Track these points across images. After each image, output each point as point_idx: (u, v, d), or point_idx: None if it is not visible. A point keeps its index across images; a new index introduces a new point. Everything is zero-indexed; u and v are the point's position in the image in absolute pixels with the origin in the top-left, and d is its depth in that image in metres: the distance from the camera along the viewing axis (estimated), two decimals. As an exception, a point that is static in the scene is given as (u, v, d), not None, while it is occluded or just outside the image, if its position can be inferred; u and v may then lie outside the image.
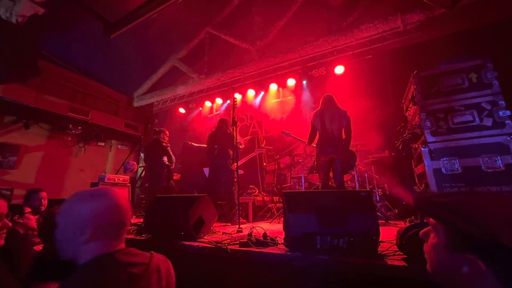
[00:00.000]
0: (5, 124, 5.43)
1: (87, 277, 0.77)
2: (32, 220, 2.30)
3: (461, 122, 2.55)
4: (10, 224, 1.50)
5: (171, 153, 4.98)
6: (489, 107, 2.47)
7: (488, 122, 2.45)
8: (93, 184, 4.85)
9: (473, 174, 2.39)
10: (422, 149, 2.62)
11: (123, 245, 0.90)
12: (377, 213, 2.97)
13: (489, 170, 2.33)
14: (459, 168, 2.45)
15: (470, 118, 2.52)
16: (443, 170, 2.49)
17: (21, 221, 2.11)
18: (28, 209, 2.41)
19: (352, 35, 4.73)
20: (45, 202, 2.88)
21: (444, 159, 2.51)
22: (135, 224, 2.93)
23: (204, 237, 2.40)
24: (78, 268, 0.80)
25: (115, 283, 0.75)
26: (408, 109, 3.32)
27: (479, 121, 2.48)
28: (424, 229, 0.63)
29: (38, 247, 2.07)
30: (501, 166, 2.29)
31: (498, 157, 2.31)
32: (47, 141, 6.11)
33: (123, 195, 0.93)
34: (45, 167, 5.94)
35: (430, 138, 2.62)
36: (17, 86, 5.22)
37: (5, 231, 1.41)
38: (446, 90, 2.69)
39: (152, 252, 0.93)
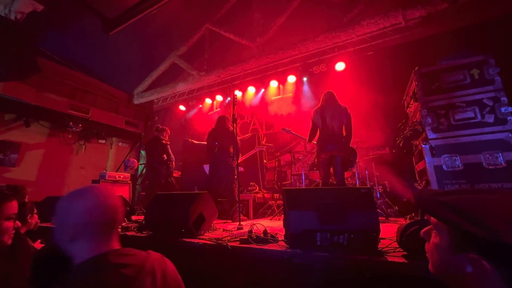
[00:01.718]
0: (5, 122, 5.44)
1: (79, 280, 0.75)
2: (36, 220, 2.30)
3: (463, 119, 2.53)
4: (20, 224, 1.51)
5: (170, 151, 4.99)
6: (491, 104, 2.46)
7: (490, 118, 2.43)
8: (94, 182, 4.87)
9: (474, 171, 2.38)
10: (423, 146, 2.61)
11: (116, 245, 0.87)
12: (378, 210, 2.97)
13: (490, 167, 2.33)
14: (460, 165, 2.44)
15: (471, 114, 2.51)
16: (444, 167, 2.49)
17: (30, 221, 2.11)
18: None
19: (353, 31, 4.69)
20: None
21: (445, 156, 2.50)
22: (136, 221, 2.94)
23: (205, 234, 2.41)
24: (72, 270, 0.79)
25: (106, 286, 0.73)
26: (409, 105, 3.30)
27: (480, 118, 2.47)
28: (425, 228, 0.62)
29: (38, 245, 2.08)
30: (502, 162, 2.28)
31: (500, 154, 2.30)
32: (47, 139, 6.12)
33: (110, 193, 0.90)
34: (46, 164, 5.96)
35: (431, 135, 2.61)
36: (17, 84, 5.21)
37: (14, 231, 1.43)
38: (448, 87, 2.67)
39: (149, 251, 0.90)
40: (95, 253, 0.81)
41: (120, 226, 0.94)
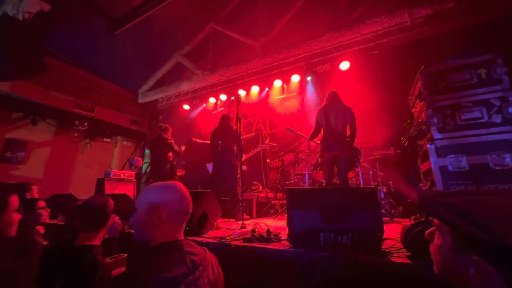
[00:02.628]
0: (13, 120, 5.53)
1: (165, 255, 0.90)
2: (44, 216, 2.33)
3: (469, 119, 2.49)
4: (21, 216, 1.55)
5: (175, 147, 5.00)
6: (498, 104, 2.41)
7: (497, 118, 2.39)
8: (99, 180, 4.90)
9: (480, 171, 2.34)
10: (428, 146, 2.58)
11: (182, 236, 1.02)
12: (382, 210, 2.95)
13: (497, 168, 2.29)
14: (466, 165, 2.40)
15: (478, 114, 2.47)
16: (450, 168, 2.45)
17: (32, 217, 2.14)
18: (42, 204, 2.40)
19: (358, 30, 4.65)
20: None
21: (451, 156, 2.47)
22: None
23: (208, 233, 2.42)
24: (151, 249, 0.95)
25: (181, 266, 0.85)
26: (415, 105, 3.27)
27: (487, 118, 2.43)
28: (430, 229, 0.62)
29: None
30: (509, 163, 2.25)
31: (507, 155, 2.26)
32: (54, 137, 6.20)
33: (185, 188, 1.09)
34: (52, 162, 6.04)
35: (436, 135, 2.58)
36: (24, 82, 5.28)
37: (16, 223, 1.47)
38: (454, 86, 2.63)
39: (205, 248, 1.05)
40: (173, 238, 0.97)
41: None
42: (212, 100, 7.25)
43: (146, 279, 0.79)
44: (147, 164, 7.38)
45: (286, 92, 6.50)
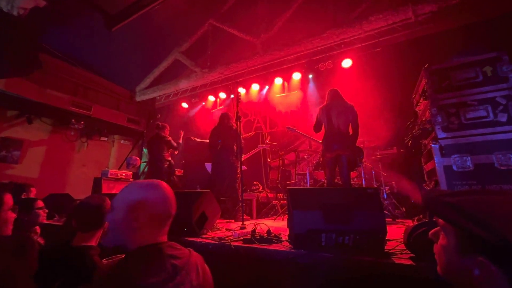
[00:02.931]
0: (8, 119, 5.45)
1: (137, 263, 0.83)
2: (42, 216, 2.28)
3: (474, 118, 2.45)
4: (15, 215, 1.51)
5: (174, 143, 4.96)
6: (504, 102, 2.37)
7: (503, 117, 2.35)
8: (96, 180, 4.85)
9: (485, 171, 2.30)
10: (433, 145, 2.54)
11: (165, 238, 0.94)
12: (384, 211, 2.91)
13: (502, 168, 2.25)
14: (470, 165, 2.36)
15: (483, 113, 2.43)
16: (454, 167, 2.41)
17: (30, 217, 2.10)
18: (40, 204, 2.35)
19: (360, 27, 4.58)
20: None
21: (455, 156, 2.43)
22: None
23: (208, 233, 2.39)
24: (128, 254, 0.87)
25: (160, 272, 0.80)
26: (418, 104, 3.22)
27: (493, 117, 2.38)
28: (434, 230, 0.61)
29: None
30: (515, 163, 2.20)
31: (513, 154, 2.22)
32: (50, 136, 6.13)
33: (170, 188, 1.00)
34: (48, 161, 5.97)
35: (441, 134, 2.54)
36: (19, 80, 5.21)
37: (12, 221, 1.47)
38: (459, 84, 2.59)
39: (191, 249, 0.98)
40: (153, 241, 0.89)
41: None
42: (211, 98, 7.18)
43: (121, 286, 0.75)
44: (145, 163, 7.32)
45: (287, 90, 6.43)
